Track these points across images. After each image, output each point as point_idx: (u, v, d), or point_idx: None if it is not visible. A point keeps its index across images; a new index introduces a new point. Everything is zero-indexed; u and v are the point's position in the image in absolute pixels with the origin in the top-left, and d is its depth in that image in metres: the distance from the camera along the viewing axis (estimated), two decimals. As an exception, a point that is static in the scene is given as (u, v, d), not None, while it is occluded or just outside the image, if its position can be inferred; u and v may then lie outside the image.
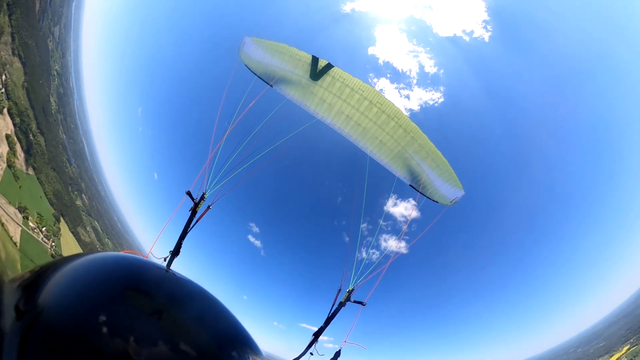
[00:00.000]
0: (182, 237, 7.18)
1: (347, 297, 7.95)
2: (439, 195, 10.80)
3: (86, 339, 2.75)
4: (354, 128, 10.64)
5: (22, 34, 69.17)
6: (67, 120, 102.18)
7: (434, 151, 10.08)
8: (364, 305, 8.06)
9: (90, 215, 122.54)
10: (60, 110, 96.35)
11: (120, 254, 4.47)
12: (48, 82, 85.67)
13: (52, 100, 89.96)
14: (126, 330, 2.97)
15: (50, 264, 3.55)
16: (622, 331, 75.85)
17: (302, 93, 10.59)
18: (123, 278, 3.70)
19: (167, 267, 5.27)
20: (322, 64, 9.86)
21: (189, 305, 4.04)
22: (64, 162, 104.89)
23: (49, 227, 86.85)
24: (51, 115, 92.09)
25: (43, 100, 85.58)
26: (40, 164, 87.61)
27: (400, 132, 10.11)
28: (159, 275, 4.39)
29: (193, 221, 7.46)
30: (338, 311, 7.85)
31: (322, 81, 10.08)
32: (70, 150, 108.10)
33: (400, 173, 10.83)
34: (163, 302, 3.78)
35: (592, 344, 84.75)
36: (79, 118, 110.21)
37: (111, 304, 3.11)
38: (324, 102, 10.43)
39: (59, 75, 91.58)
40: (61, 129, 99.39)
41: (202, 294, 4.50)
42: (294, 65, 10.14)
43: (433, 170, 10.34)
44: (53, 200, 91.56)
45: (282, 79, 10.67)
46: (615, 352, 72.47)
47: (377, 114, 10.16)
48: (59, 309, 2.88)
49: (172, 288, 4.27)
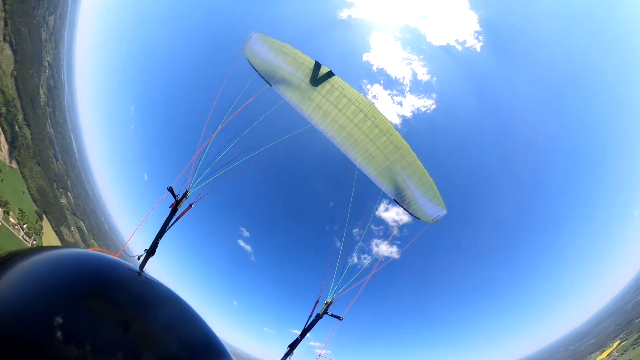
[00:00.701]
0: (159, 235, 6.82)
1: (325, 309, 7.84)
2: (421, 212, 11.04)
3: (35, 347, 2.41)
4: (346, 138, 10.76)
5: (15, 20, 67.02)
6: (56, 114, 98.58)
7: (421, 170, 10.29)
8: (341, 320, 7.94)
9: (76, 215, 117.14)
10: (50, 103, 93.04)
11: (87, 251, 4.07)
12: (38, 73, 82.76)
13: (42, 92, 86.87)
14: (83, 341, 2.62)
15: (4, 256, 3.14)
16: (612, 327, 77.97)
17: (300, 97, 10.63)
18: (87, 280, 3.32)
19: (140, 269, 4.87)
20: (324, 70, 9.94)
21: (158, 314, 3.73)
22: (50, 158, 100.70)
23: (30, 224, 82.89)
24: (39, 107, 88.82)
25: (32, 91, 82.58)
26: (24, 157, 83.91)
27: (391, 148, 10.32)
28: (130, 279, 4.01)
29: (172, 219, 7.12)
30: (315, 323, 7.71)
31: (322, 88, 10.16)
32: (57, 146, 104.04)
33: (386, 187, 11.00)
34: (131, 311, 3.42)
35: (583, 342, 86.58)
36: (69, 112, 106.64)
37: (69, 309, 2.76)
38: (320, 108, 10.50)
39: (51, 67, 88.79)
40: (49, 122, 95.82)
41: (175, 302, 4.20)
42: (296, 68, 10.18)
43: (418, 188, 10.56)
44: (36, 196, 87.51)
45: (283, 80, 10.67)
46: (606, 347, 74.28)
47: (370, 127, 10.32)
48: (6, 309, 2.53)
49: (142, 294, 3.94)
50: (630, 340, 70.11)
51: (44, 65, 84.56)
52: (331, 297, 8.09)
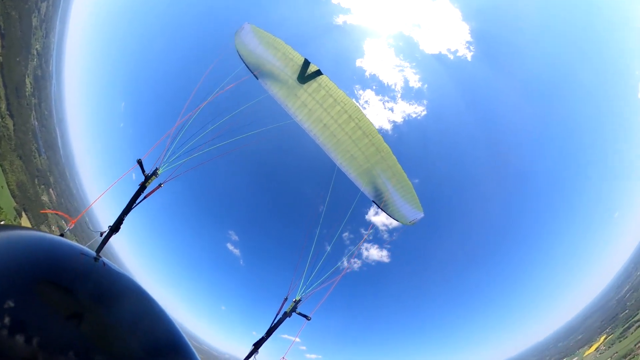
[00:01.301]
0: (125, 212, 6.57)
1: (293, 307, 7.67)
2: (399, 214, 11.25)
3: None
4: (329, 138, 10.85)
5: (5, 3, 64.47)
6: (42, 106, 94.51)
7: (401, 173, 10.50)
8: (309, 320, 7.81)
9: (58, 214, 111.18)
10: (36, 93, 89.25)
11: (40, 234, 3.64)
12: (26, 61, 79.47)
13: (28, 82, 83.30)
14: (31, 335, 2.34)
15: None
16: (598, 323, 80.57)
17: (286, 93, 10.68)
18: (37, 266, 2.98)
19: (98, 251, 4.50)
20: (312, 69, 10.02)
21: (117, 306, 3.34)
22: (32, 152, 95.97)
23: (8, 220, 78.48)
24: (25, 97, 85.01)
25: (18, 79, 79.10)
26: (5, 149, 79.70)
27: (372, 150, 10.49)
28: (85, 265, 3.60)
29: (140, 197, 6.88)
30: (282, 321, 7.55)
31: (308, 86, 10.22)
32: (41, 139, 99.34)
33: (366, 188, 11.20)
34: (85, 301, 3.05)
35: (570, 338, 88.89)
36: (55, 105, 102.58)
37: (16, 298, 2.46)
38: (305, 106, 10.57)
39: (39, 56, 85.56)
40: (34, 114, 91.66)
41: (135, 293, 3.84)
42: (284, 63, 10.23)
43: (397, 190, 10.76)
44: (16, 192, 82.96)
45: (270, 74, 10.72)
46: (593, 342, 76.54)
47: (353, 129, 10.45)
48: None
49: (99, 283, 3.53)
50: (616, 334, 72.45)
51: (32, 53, 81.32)
52: (300, 295, 7.87)
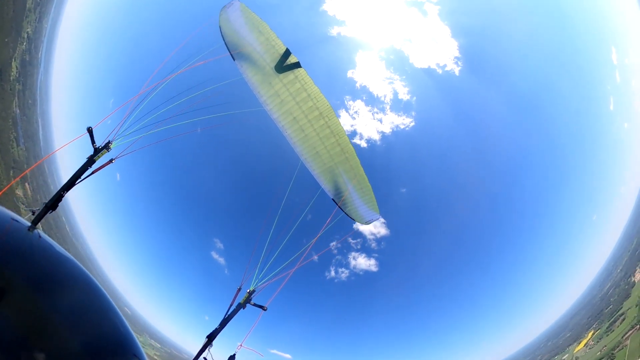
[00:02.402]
0: (65, 187, 5.75)
1: (247, 298, 7.47)
2: (356, 214, 11.58)
3: None
4: (297, 132, 10.88)
5: (1, -21, 61.87)
6: (26, 94, 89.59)
7: (362, 175, 10.78)
8: (265, 310, 7.64)
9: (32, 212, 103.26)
10: (21, 79, 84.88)
11: None
12: (14, 43, 75.91)
13: (14, 65, 79.33)
14: None
15: None
16: (584, 320, 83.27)
17: (260, 79, 10.52)
18: None
19: (33, 223, 3.68)
20: (292, 60, 9.94)
21: (55, 292, 2.62)
22: (10, 140, 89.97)
23: None
24: (8, 81, 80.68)
25: (3, 61, 75.21)
26: (-20, 132, 74.18)
27: (338, 150, 10.67)
28: (16, 233, 2.89)
29: (87, 172, 6.00)
30: (236, 312, 7.29)
31: (285, 76, 10.15)
32: (21, 129, 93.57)
33: (326, 186, 11.41)
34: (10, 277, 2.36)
35: (560, 336, 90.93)
36: (40, 95, 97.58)
37: None
38: (277, 96, 10.52)
39: (29, 40, 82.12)
40: (16, 101, 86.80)
41: (79, 278, 3.09)
42: (265, 49, 10.07)
43: (356, 191, 11.05)
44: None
45: (248, 57, 10.52)
46: (582, 338, 78.81)
47: (322, 127, 10.54)
48: None
49: (32, 259, 2.79)
50: (603, 329, 75.01)
51: (22, 36, 77.86)
52: (254, 285, 7.66)
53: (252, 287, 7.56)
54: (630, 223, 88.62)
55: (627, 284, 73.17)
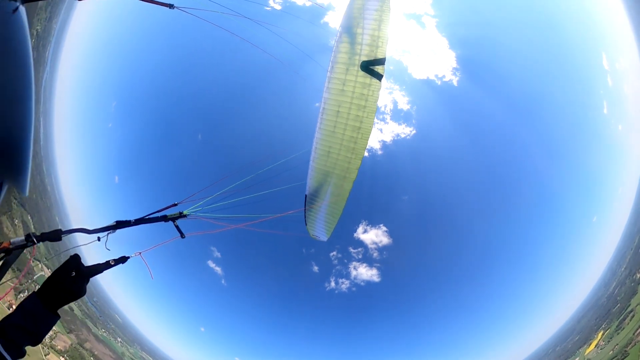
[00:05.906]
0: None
1: (176, 217, 6.88)
2: (312, 222, 11.60)
3: None
4: (329, 124, 10.74)
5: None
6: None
7: (343, 199, 10.69)
8: (183, 237, 7.13)
9: (24, 207, 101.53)
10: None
11: None
12: (23, 40, 76.68)
13: (22, 62, 79.77)
14: None
15: None
16: (593, 321, 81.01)
17: (344, 60, 10.09)
18: None
19: None
20: (379, 69, 9.78)
21: None
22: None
23: None
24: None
25: (11, 58, 75.78)
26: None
27: (345, 166, 10.68)
28: None
29: None
30: (156, 221, 6.72)
31: (363, 76, 9.95)
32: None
33: (311, 183, 11.35)
34: None
35: (568, 340, 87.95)
36: (44, 94, 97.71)
37: None
38: (343, 84, 10.37)
39: (38, 37, 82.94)
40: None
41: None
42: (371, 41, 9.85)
43: (329, 207, 11.06)
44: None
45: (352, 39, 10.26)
46: (592, 340, 76.59)
47: (351, 138, 10.48)
48: None
49: None
50: (613, 328, 73.29)
51: (31, 33, 78.99)
52: (190, 211, 7.19)
53: (187, 212, 7.01)
54: (630, 222, 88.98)
55: (633, 281, 72.34)
